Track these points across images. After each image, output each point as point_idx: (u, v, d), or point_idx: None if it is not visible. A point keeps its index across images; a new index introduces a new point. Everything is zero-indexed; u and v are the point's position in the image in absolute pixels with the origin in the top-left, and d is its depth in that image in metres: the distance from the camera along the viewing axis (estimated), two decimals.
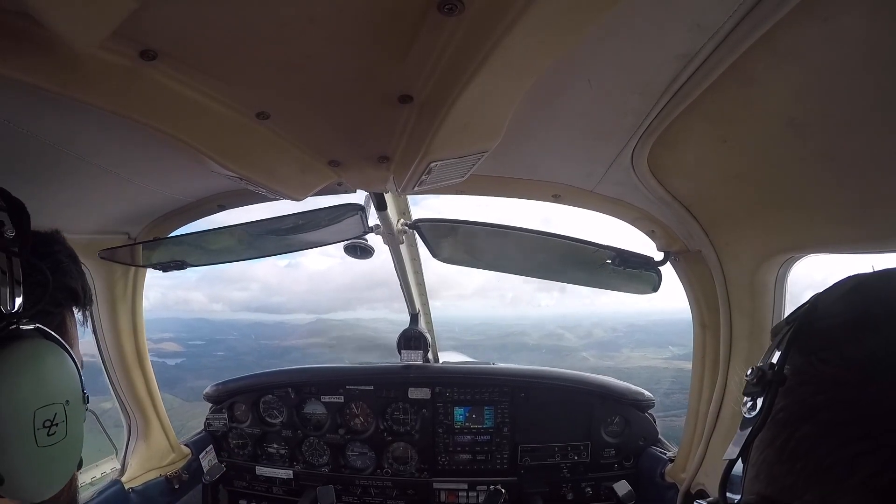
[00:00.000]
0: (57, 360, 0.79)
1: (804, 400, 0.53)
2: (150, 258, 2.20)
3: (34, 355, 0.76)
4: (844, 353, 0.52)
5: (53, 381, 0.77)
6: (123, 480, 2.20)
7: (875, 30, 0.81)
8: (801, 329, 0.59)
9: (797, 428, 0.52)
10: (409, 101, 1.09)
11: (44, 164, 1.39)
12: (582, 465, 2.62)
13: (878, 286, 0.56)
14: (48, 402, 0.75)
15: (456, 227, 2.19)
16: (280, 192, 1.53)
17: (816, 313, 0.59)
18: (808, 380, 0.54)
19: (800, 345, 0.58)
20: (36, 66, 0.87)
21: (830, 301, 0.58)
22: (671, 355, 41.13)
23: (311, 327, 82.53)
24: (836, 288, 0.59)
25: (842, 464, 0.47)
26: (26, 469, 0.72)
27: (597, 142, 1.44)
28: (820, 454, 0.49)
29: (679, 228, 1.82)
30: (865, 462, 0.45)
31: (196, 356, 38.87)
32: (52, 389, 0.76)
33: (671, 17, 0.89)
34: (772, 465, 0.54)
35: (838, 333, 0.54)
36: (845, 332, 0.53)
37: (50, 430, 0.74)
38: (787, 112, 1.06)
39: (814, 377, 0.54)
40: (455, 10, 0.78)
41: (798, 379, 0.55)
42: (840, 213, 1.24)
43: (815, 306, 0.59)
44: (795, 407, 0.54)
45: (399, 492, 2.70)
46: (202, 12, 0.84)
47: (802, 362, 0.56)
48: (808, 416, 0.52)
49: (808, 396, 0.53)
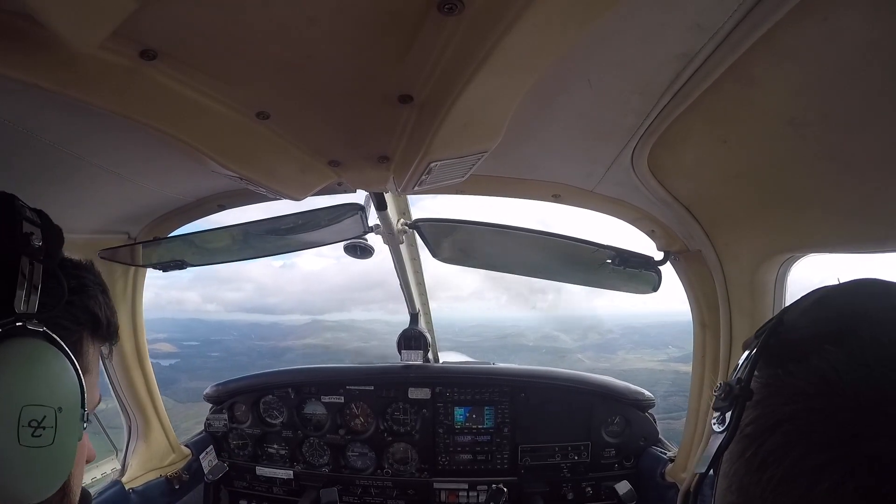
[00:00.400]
0: (57, 365, 0.79)
1: (771, 412, 0.54)
2: (150, 258, 2.20)
3: (33, 354, 0.76)
4: (810, 366, 0.52)
5: (48, 383, 0.77)
6: (124, 481, 2.20)
7: (875, 29, 0.80)
8: (769, 342, 0.60)
9: (764, 440, 0.53)
10: (409, 101, 1.09)
11: (44, 163, 1.39)
12: (582, 465, 2.62)
13: (842, 299, 0.58)
14: (38, 402, 0.74)
15: (456, 227, 2.19)
16: (280, 192, 1.53)
17: (783, 326, 0.60)
18: (774, 392, 0.55)
19: (767, 358, 0.59)
20: (36, 65, 0.87)
21: (797, 314, 0.59)
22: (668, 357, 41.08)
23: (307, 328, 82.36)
24: (802, 301, 0.60)
25: (807, 474, 0.47)
26: (2, 463, 0.71)
27: (597, 142, 1.44)
28: (786, 465, 0.49)
29: (679, 228, 1.82)
30: (830, 471, 0.46)
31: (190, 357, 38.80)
32: (45, 392, 0.76)
33: (671, 17, 0.89)
34: (742, 476, 0.55)
35: (804, 346, 0.55)
36: (810, 345, 0.54)
37: (35, 432, 0.73)
38: (788, 112, 1.06)
39: (780, 389, 0.55)
40: (455, 10, 0.78)
41: (765, 392, 0.56)
42: (840, 213, 1.24)
43: (782, 320, 0.60)
44: (762, 419, 0.54)
45: (399, 492, 2.70)
46: (202, 12, 0.84)
47: (770, 375, 0.57)
48: (775, 428, 0.52)
49: (774, 409, 0.54)
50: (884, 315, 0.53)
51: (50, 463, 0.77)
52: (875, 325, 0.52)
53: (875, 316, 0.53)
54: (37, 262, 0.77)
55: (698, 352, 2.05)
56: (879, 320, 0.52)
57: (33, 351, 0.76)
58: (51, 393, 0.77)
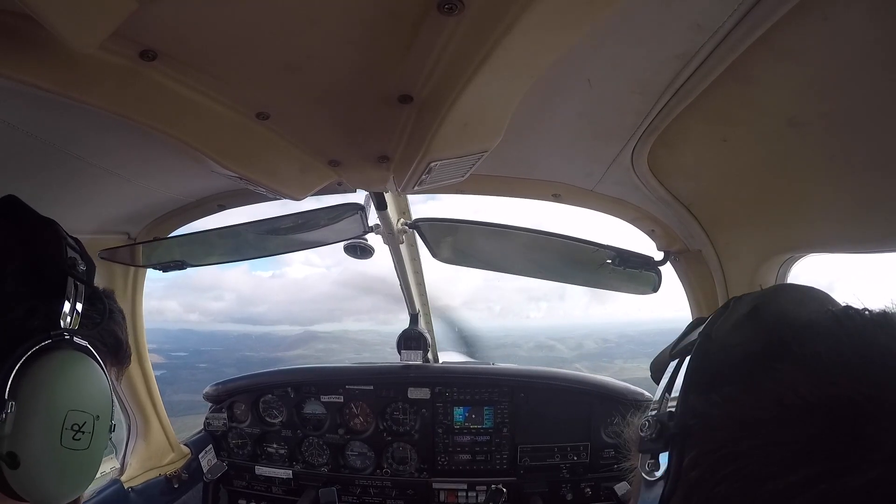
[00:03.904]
0: (99, 377, 0.86)
1: (719, 450, 0.45)
2: (150, 258, 2.19)
3: (80, 364, 0.83)
4: (760, 388, 0.45)
5: (91, 392, 0.84)
6: (123, 480, 2.20)
7: (876, 28, 0.80)
8: (697, 365, 0.52)
9: (716, 485, 0.44)
10: (409, 101, 1.09)
11: (44, 164, 1.39)
12: (581, 466, 2.62)
13: (777, 307, 0.52)
14: (82, 408, 0.80)
15: (456, 227, 2.19)
16: (280, 192, 1.52)
17: (711, 344, 0.52)
18: (718, 425, 0.46)
19: (697, 384, 0.51)
20: (36, 66, 0.87)
21: (726, 330, 0.53)
22: None
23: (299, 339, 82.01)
24: (730, 316, 0.54)
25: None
26: (44, 462, 0.75)
27: (597, 141, 1.44)
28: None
29: (679, 228, 1.82)
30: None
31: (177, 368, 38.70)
32: (89, 399, 0.82)
33: (671, 17, 0.89)
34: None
35: (744, 366, 0.47)
36: (753, 364, 0.47)
37: (76, 435, 0.79)
38: (788, 111, 1.06)
39: (725, 421, 0.46)
40: (455, 9, 0.78)
41: (703, 425, 0.47)
42: (840, 213, 1.24)
43: (709, 337, 0.53)
44: (710, 461, 0.45)
45: (398, 492, 2.70)
46: (202, 12, 0.84)
47: (705, 404, 0.48)
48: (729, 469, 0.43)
49: (723, 445, 0.45)
50: (827, 325, 0.47)
51: (84, 466, 0.83)
52: (826, 336, 0.46)
53: (821, 326, 0.47)
54: (80, 284, 0.85)
55: None
56: (828, 331, 0.46)
57: (79, 361, 0.83)
58: (92, 401, 0.83)
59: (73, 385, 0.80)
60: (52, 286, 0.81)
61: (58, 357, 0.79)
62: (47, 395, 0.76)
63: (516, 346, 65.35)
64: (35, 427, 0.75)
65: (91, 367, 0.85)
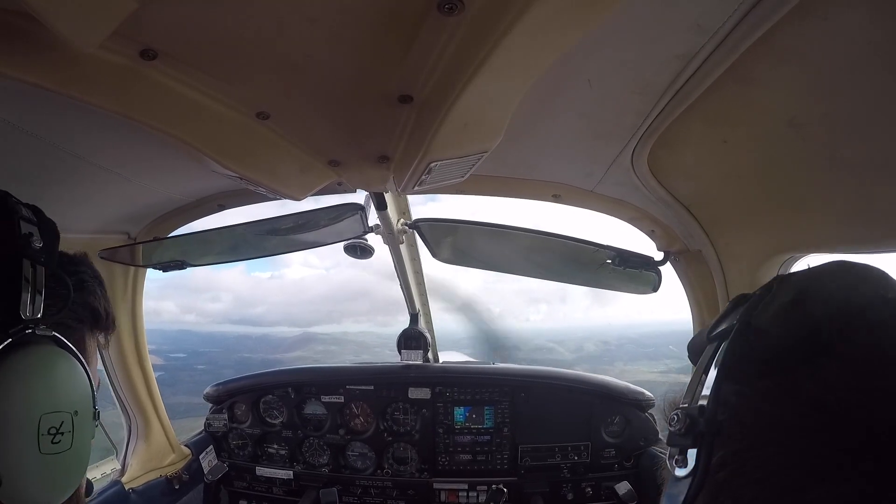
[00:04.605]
0: (69, 369, 0.79)
1: (747, 451, 0.42)
2: (150, 258, 2.20)
3: (47, 361, 0.76)
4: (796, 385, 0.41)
5: (63, 389, 0.77)
6: (124, 481, 2.20)
7: (876, 28, 0.80)
8: (735, 352, 0.47)
9: (739, 492, 0.41)
10: (409, 101, 1.09)
11: (44, 163, 1.39)
12: (582, 466, 2.62)
13: (824, 293, 0.46)
14: (56, 409, 0.74)
15: (456, 227, 2.19)
16: (280, 192, 1.53)
17: (751, 330, 0.47)
18: (749, 423, 0.43)
19: (732, 374, 0.47)
20: (36, 65, 0.87)
21: (768, 317, 0.47)
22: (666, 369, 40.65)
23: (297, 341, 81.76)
24: (772, 301, 0.48)
25: None
26: (26, 474, 0.71)
27: (597, 142, 1.44)
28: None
29: (679, 228, 1.82)
30: None
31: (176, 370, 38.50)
32: (62, 397, 0.76)
33: (671, 17, 0.89)
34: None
35: (782, 359, 0.43)
36: (792, 357, 0.43)
37: (55, 438, 0.73)
38: (788, 112, 1.06)
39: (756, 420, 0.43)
40: (455, 10, 0.78)
41: (735, 422, 0.44)
42: (840, 213, 1.24)
43: (749, 322, 0.48)
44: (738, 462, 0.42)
45: (399, 492, 2.70)
46: (202, 12, 0.84)
47: (738, 396, 0.45)
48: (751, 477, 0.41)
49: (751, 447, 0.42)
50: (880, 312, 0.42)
51: (70, 466, 0.77)
52: (874, 327, 0.41)
53: (871, 315, 0.42)
54: (39, 266, 0.76)
55: None
56: (878, 321, 0.42)
57: (45, 358, 0.76)
58: (66, 398, 0.76)
59: (43, 386, 0.73)
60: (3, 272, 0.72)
61: (21, 357, 0.72)
62: (15, 403, 0.70)
63: (515, 349, 65.39)
64: (8, 441, 0.69)
65: (61, 359, 0.77)
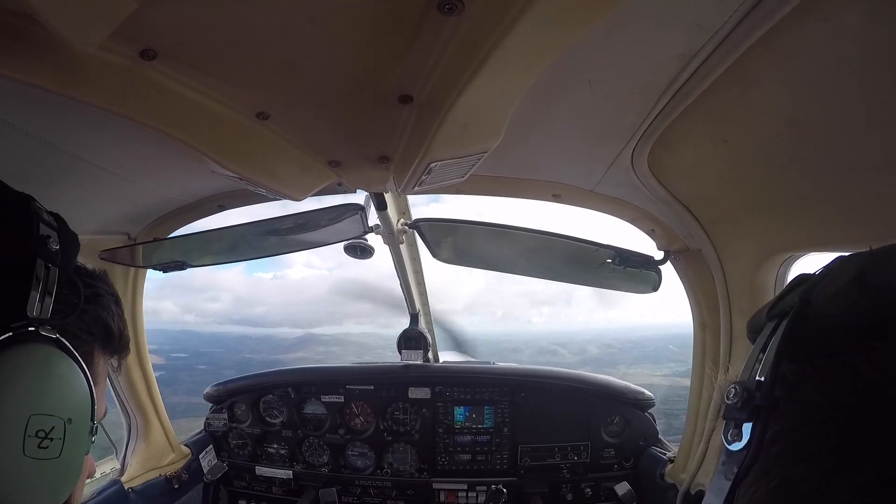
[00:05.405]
0: (69, 374, 0.76)
1: (796, 429, 0.42)
2: (150, 259, 2.19)
3: (45, 361, 0.73)
4: (848, 366, 0.41)
5: (59, 392, 0.74)
6: (123, 480, 2.20)
7: (875, 29, 0.80)
8: (794, 331, 0.47)
9: (791, 469, 0.41)
10: (409, 101, 1.09)
11: (44, 164, 1.39)
12: (582, 466, 2.62)
13: (887, 274, 0.44)
14: (47, 411, 0.71)
15: (456, 227, 2.19)
16: (280, 192, 1.53)
17: (810, 309, 0.47)
18: (803, 400, 0.43)
19: (790, 351, 0.46)
20: (36, 65, 0.87)
21: (828, 296, 0.46)
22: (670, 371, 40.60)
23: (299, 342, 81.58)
24: (832, 277, 0.48)
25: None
26: (3, 473, 0.67)
27: (597, 142, 1.44)
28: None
29: (679, 228, 1.82)
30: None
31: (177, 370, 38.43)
32: (55, 401, 0.72)
33: (671, 17, 0.89)
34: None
35: (840, 339, 0.42)
36: (848, 338, 0.42)
37: (42, 443, 0.70)
38: (788, 112, 1.06)
39: (811, 398, 0.43)
40: (455, 10, 0.78)
41: (792, 398, 0.44)
42: (840, 213, 1.24)
43: (808, 300, 0.47)
44: (788, 437, 0.43)
45: (399, 492, 2.70)
46: (202, 12, 0.84)
47: (794, 374, 0.45)
48: (803, 453, 0.41)
49: (805, 423, 0.42)
50: None
51: (55, 477, 0.73)
52: None
53: None
54: (52, 267, 0.74)
55: (698, 352, 2.05)
56: None
57: (45, 358, 0.73)
58: (61, 403, 0.73)
59: (37, 385, 0.71)
60: (16, 269, 0.71)
61: (18, 353, 0.70)
62: (5, 397, 0.68)
63: (518, 351, 65.37)
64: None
65: (61, 361, 0.74)
